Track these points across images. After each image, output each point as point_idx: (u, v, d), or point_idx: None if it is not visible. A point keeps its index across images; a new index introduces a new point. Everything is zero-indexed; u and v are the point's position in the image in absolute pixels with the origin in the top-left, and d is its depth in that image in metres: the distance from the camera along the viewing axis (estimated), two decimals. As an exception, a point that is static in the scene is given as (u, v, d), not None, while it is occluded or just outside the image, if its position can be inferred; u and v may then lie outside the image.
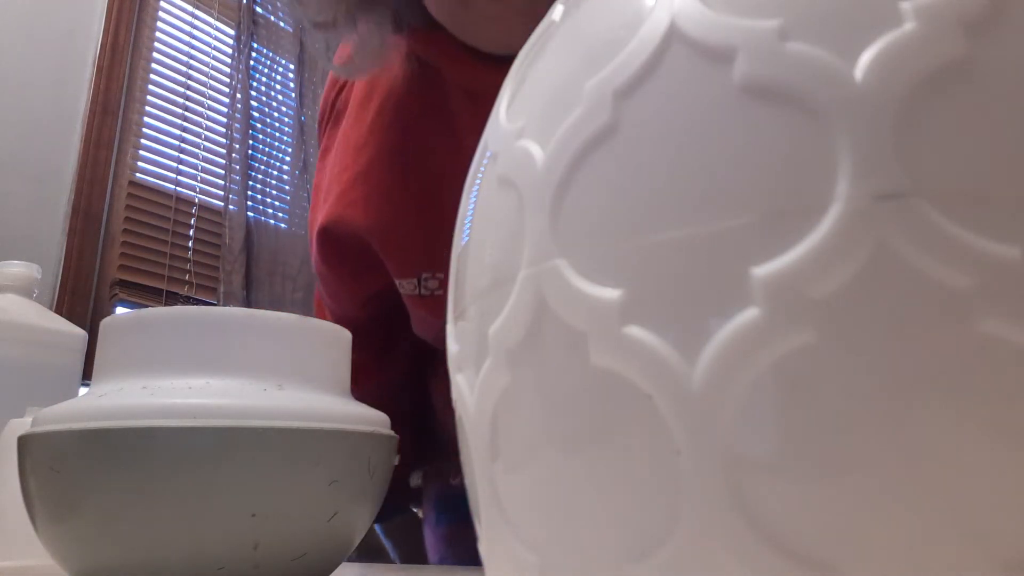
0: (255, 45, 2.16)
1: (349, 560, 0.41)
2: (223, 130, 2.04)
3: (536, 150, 0.15)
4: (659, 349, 0.12)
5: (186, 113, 1.99)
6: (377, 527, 0.74)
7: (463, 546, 0.69)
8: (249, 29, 2.13)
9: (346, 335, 0.36)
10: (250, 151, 2.06)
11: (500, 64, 0.16)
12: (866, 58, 0.12)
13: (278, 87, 2.18)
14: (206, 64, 2.05)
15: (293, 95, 2.17)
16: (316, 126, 0.68)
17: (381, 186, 0.57)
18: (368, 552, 0.73)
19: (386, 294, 0.60)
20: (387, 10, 0.52)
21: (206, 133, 2.02)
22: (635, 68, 0.14)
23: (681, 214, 0.13)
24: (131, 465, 0.27)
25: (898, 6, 0.12)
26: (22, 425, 0.42)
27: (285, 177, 2.10)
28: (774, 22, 0.12)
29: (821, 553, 0.11)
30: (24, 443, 0.29)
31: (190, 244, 1.93)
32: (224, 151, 2.02)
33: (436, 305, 0.56)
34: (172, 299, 1.83)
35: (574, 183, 0.14)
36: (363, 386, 0.44)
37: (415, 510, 0.77)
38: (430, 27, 0.52)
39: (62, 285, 1.63)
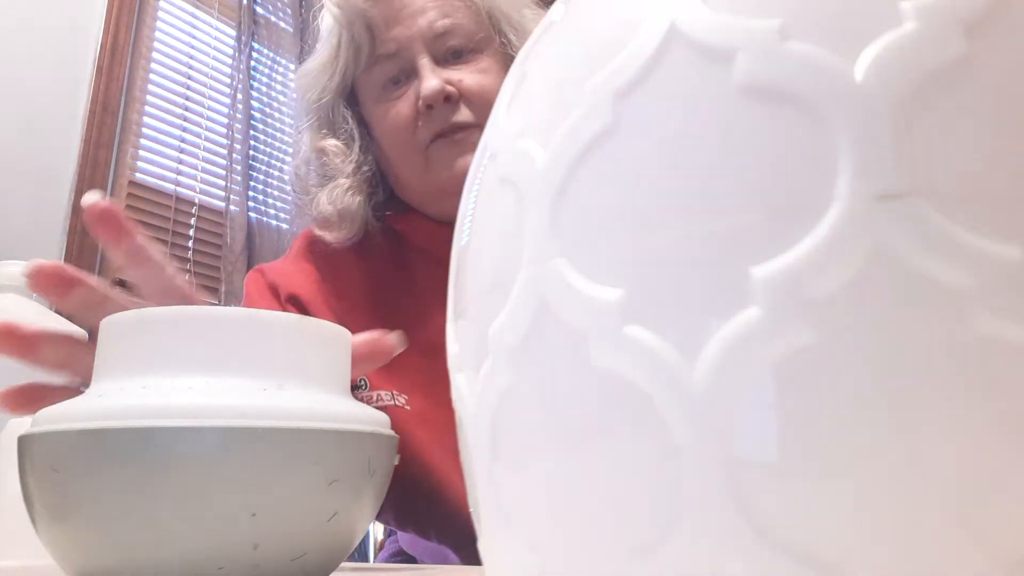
0: (255, 45, 2.16)
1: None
2: (223, 130, 2.04)
3: (536, 150, 0.15)
4: (659, 349, 0.12)
5: (186, 113, 1.99)
6: None
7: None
8: (249, 29, 2.13)
9: (346, 335, 0.36)
10: (251, 151, 2.06)
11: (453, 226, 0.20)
12: (866, 58, 0.12)
13: (278, 87, 2.18)
14: (206, 64, 2.05)
15: (294, 95, 2.17)
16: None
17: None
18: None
19: None
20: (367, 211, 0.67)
21: (206, 133, 2.02)
22: (635, 68, 0.14)
23: (681, 214, 0.13)
24: (131, 465, 0.27)
25: (898, 6, 0.12)
26: (22, 425, 0.42)
27: (286, 177, 2.10)
28: (774, 22, 0.12)
29: (821, 553, 0.11)
30: (24, 443, 0.29)
31: (190, 244, 1.93)
32: (224, 151, 2.02)
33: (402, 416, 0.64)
34: (172, 299, 1.83)
35: (574, 183, 0.14)
36: None
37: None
38: (403, 212, 0.71)
39: (62, 285, 1.63)
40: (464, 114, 0.63)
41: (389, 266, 0.70)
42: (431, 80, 0.62)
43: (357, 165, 0.67)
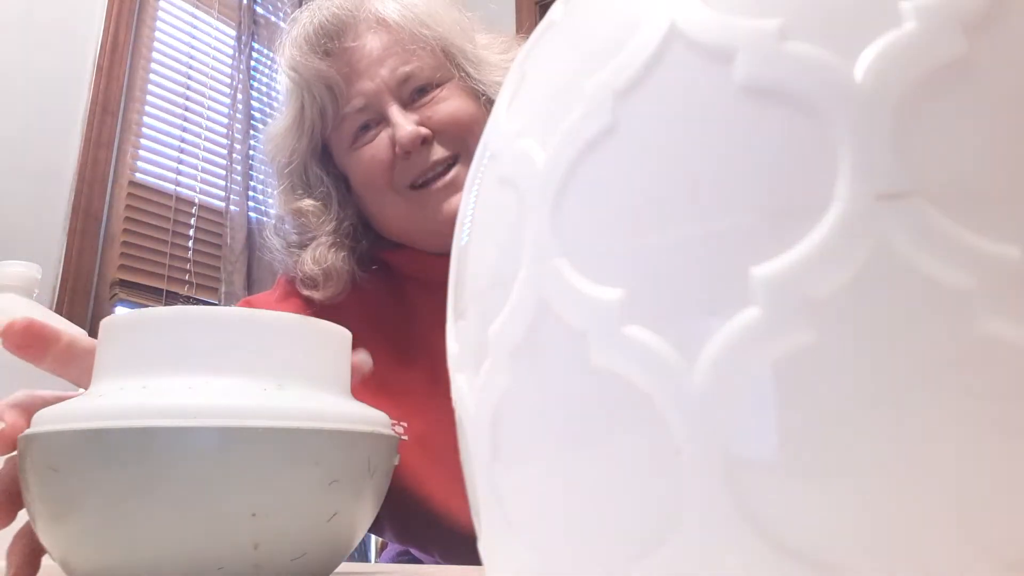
0: (255, 45, 2.16)
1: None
2: (223, 130, 2.04)
3: (536, 150, 0.15)
4: (659, 349, 0.12)
5: (186, 113, 1.99)
6: None
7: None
8: (249, 29, 2.13)
9: (346, 335, 0.36)
10: (251, 151, 2.06)
11: (447, 257, 0.21)
12: (866, 58, 0.12)
13: (278, 87, 2.18)
14: (206, 64, 2.05)
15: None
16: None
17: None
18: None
19: None
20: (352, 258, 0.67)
21: (206, 133, 2.02)
22: (635, 68, 0.14)
23: (681, 214, 0.13)
24: (131, 465, 0.27)
25: (898, 6, 0.12)
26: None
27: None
28: (774, 22, 0.12)
29: (821, 553, 0.11)
30: (24, 443, 0.30)
31: (190, 244, 1.93)
32: (224, 151, 2.02)
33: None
34: (172, 299, 1.83)
35: (574, 183, 0.14)
36: None
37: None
38: (392, 247, 0.70)
39: (62, 285, 1.63)
40: (439, 151, 0.63)
41: (385, 297, 0.69)
42: (406, 127, 0.62)
43: (338, 222, 0.67)
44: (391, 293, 0.69)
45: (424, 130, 0.62)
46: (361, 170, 0.66)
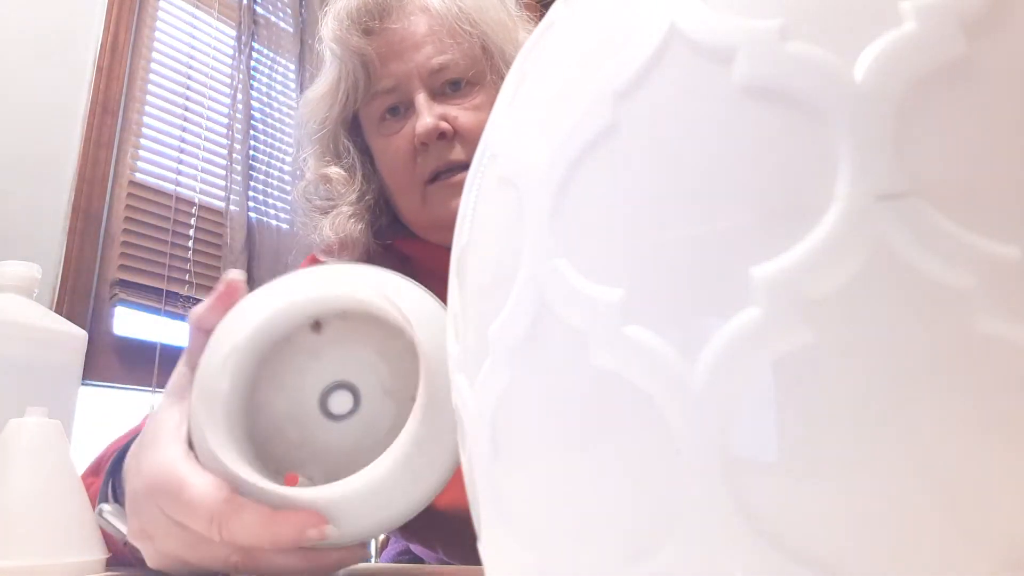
0: (255, 45, 2.16)
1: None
2: (223, 130, 2.04)
3: (536, 150, 0.15)
4: (659, 349, 0.12)
5: (186, 113, 1.98)
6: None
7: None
8: (249, 29, 2.13)
9: None
10: (251, 151, 2.06)
11: None
12: (866, 58, 0.12)
13: (278, 87, 2.18)
14: (206, 64, 2.05)
15: (293, 95, 2.17)
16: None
17: None
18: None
19: None
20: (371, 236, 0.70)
21: (206, 133, 2.01)
22: (635, 68, 0.14)
23: (681, 214, 0.13)
24: None
25: (898, 6, 0.12)
26: (22, 425, 0.42)
27: (286, 177, 2.10)
28: (774, 22, 0.12)
29: (820, 553, 0.11)
30: None
31: (190, 244, 1.93)
32: (224, 151, 2.02)
33: None
34: (172, 299, 1.83)
35: (574, 183, 0.14)
36: None
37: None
38: (409, 236, 0.72)
39: (62, 285, 1.63)
40: (459, 152, 0.64)
41: None
42: (425, 119, 0.63)
43: (360, 194, 0.68)
44: None
45: (444, 124, 0.63)
46: (386, 160, 0.67)
